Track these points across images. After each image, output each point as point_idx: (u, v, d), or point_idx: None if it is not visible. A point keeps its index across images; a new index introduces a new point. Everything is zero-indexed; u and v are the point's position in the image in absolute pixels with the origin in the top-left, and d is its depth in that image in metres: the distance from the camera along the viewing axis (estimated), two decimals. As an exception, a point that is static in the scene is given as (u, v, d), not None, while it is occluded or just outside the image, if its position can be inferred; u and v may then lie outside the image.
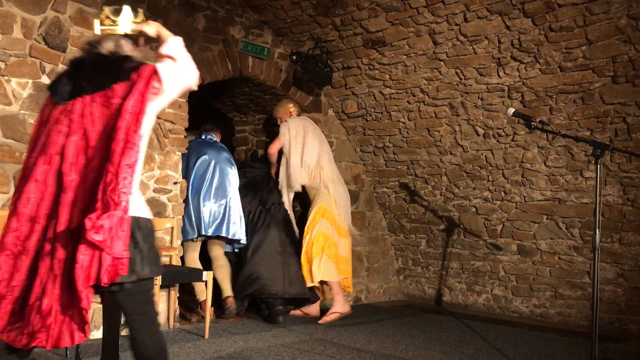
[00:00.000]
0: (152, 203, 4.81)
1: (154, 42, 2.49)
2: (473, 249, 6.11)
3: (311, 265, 5.19)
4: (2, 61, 4.00)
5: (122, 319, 2.61)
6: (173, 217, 4.92)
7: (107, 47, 2.41)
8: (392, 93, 5.70)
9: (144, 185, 4.75)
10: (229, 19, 5.41)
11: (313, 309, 5.44)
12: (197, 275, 4.61)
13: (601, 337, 3.09)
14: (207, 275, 4.58)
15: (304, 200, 5.88)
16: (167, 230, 4.88)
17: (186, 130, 5.09)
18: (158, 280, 4.23)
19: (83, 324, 2.16)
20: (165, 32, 2.47)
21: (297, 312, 5.48)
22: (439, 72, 5.24)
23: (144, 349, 2.41)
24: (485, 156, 5.56)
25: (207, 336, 4.52)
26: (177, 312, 4.96)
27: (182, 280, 4.82)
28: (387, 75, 5.57)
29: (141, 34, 2.47)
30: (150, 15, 4.77)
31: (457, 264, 6.29)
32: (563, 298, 5.53)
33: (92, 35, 2.55)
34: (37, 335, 2.13)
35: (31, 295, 2.16)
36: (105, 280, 2.08)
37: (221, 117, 7.05)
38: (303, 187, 5.50)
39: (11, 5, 4.02)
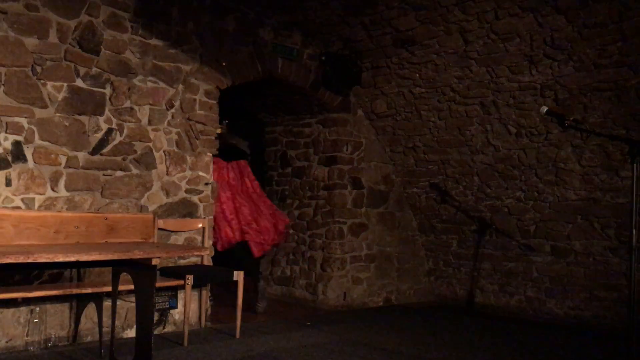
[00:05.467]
0: (183, 204, 4.87)
1: None
2: (505, 249, 6.03)
3: None
4: (39, 65, 4.10)
5: (155, 319, 2.68)
6: (204, 218, 4.97)
7: None
8: (422, 92, 5.66)
9: (176, 186, 4.81)
10: (258, 20, 5.44)
11: None
12: (227, 275, 4.65)
13: (639, 341, 3.02)
14: (237, 275, 4.62)
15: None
16: (198, 230, 4.94)
17: (216, 131, 5.16)
18: (190, 280, 4.29)
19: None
20: None
21: None
22: (470, 70, 5.18)
23: None
24: (518, 155, 5.48)
25: (238, 335, 4.56)
26: (209, 311, 5.01)
27: (212, 280, 4.87)
28: (417, 75, 5.53)
29: None
30: (182, 19, 4.84)
31: (489, 265, 6.21)
32: (598, 300, 5.41)
33: None
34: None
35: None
36: None
37: (251, 118, 7.10)
38: None
39: (47, 10, 4.12)
